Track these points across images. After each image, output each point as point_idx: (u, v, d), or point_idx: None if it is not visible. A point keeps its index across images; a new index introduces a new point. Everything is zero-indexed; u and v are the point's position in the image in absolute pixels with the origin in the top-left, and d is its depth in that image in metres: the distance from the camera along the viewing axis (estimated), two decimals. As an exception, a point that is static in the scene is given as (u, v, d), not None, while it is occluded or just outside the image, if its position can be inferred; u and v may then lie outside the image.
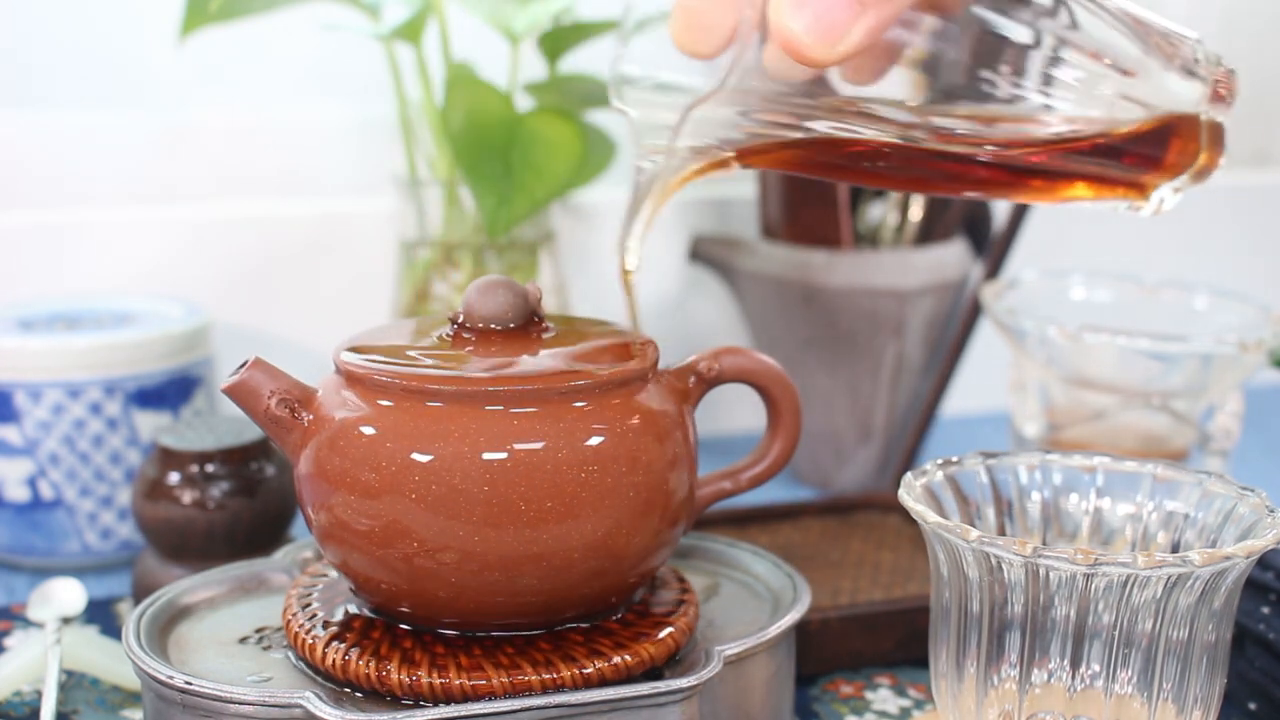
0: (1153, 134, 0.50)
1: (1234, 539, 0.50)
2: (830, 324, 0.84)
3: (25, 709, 0.60)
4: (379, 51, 0.86)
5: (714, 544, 0.63)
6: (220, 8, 0.77)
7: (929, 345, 0.85)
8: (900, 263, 0.83)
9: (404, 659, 0.51)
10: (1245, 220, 1.12)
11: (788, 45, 0.45)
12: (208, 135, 0.93)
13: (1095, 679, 0.48)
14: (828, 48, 0.44)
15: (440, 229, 0.81)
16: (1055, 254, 1.02)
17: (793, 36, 0.44)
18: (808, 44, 0.44)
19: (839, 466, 0.87)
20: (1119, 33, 0.49)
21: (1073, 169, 0.50)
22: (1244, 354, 0.73)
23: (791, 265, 0.84)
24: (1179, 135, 0.50)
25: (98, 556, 0.75)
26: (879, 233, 0.86)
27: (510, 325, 0.54)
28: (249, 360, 0.52)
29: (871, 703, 0.62)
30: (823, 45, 0.44)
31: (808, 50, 0.44)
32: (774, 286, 0.85)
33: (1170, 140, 0.50)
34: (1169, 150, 0.50)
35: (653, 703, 0.50)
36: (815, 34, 0.44)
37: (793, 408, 0.57)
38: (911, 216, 0.85)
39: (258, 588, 0.59)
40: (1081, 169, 0.50)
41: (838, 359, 0.84)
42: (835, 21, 0.44)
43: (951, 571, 0.50)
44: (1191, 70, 0.50)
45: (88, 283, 0.87)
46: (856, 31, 0.44)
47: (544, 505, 0.49)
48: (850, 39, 0.44)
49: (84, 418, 0.73)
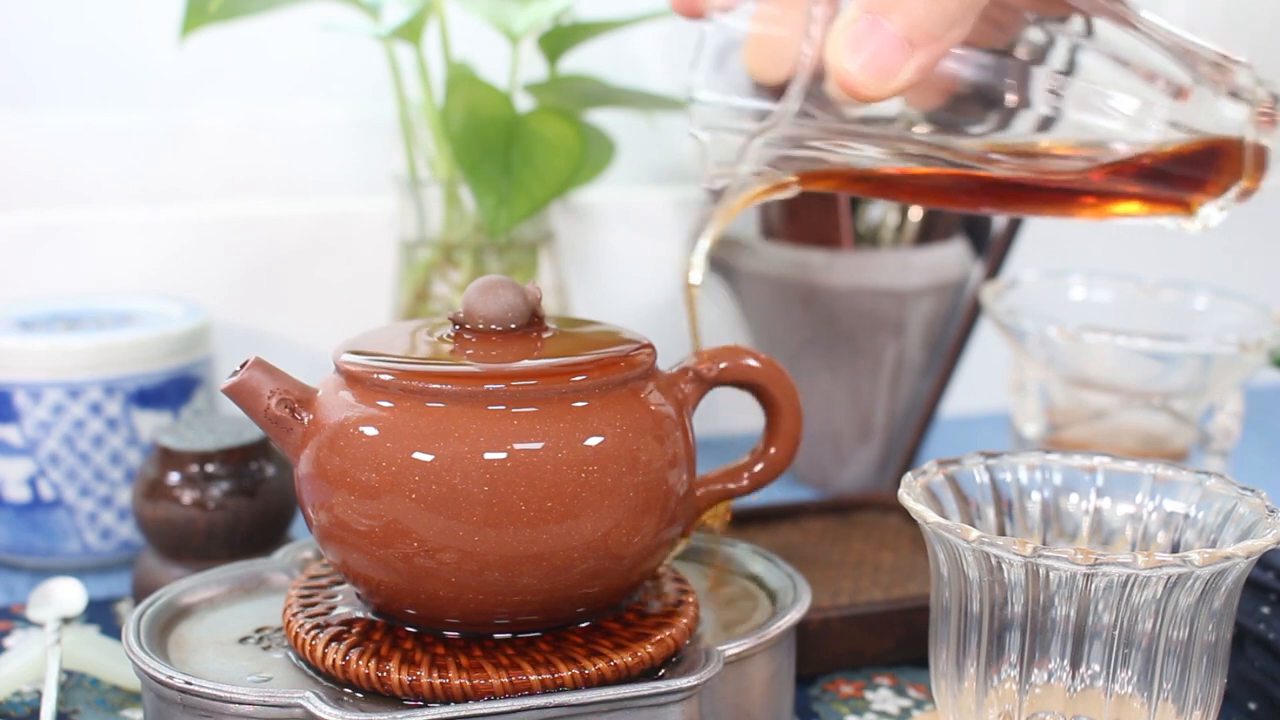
0: (1198, 155, 0.52)
1: (1234, 539, 0.50)
2: (830, 324, 0.84)
3: (25, 709, 0.60)
4: (379, 51, 0.86)
5: (714, 544, 0.63)
6: (220, 8, 0.77)
7: (929, 345, 0.85)
8: (900, 263, 0.83)
9: (404, 659, 0.51)
10: (1245, 220, 1.12)
11: (844, 83, 0.48)
12: (208, 135, 0.93)
13: (1095, 679, 0.48)
14: (880, 85, 0.48)
15: (440, 229, 0.81)
16: (1055, 254, 1.02)
17: (848, 76, 0.48)
18: (862, 82, 0.48)
19: (839, 466, 0.87)
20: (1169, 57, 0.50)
21: (1119, 189, 0.52)
22: (1244, 354, 0.73)
23: (791, 265, 0.84)
24: (1224, 157, 0.52)
25: (98, 556, 0.75)
26: (879, 233, 0.86)
27: (510, 325, 0.54)
28: (249, 360, 0.52)
29: (871, 703, 0.62)
30: (876, 83, 0.48)
31: (862, 89, 0.48)
32: (774, 286, 0.85)
33: (1215, 162, 0.52)
34: (1214, 171, 0.52)
35: (653, 703, 0.50)
36: (869, 73, 0.48)
37: (793, 408, 0.57)
38: (911, 216, 0.85)
39: (258, 588, 0.59)
40: (1128, 189, 0.52)
41: (838, 359, 0.84)
42: (888, 62, 0.48)
43: (951, 571, 0.50)
44: (1238, 95, 0.51)
45: (88, 283, 0.87)
46: (907, 70, 0.48)
47: (544, 505, 0.49)
48: (901, 77, 0.48)
49: (84, 418, 0.73)
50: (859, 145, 0.52)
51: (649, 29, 0.99)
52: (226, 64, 0.93)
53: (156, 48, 0.90)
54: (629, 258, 0.97)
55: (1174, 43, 0.51)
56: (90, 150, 0.92)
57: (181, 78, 0.93)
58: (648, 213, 0.97)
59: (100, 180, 0.92)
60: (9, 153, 0.90)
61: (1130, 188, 0.53)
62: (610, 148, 0.84)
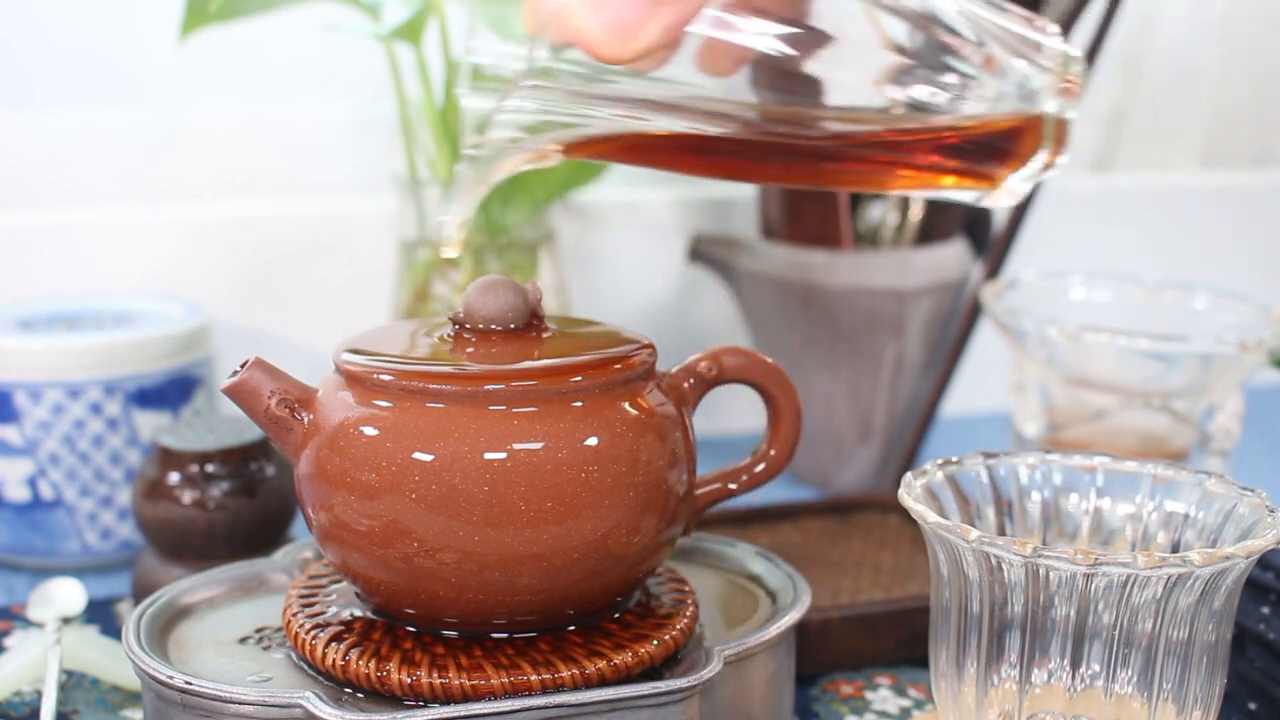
0: (1002, 129, 0.50)
1: (1234, 539, 0.50)
2: (830, 324, 0.84)
3: (25, 709, 0.60)
4: (379, 51, 0.86)
5: (714, 544, 0.63)
6: (220, 8, 0.77)
7: (929, 345, 0.85)
8: (900, 263, 0.83)
9: (404, 659, 0.51)
10: (1245, 220, 1.12)
11: (583, 43, 0.46)
12: (208, 135, 0.93)
13: (1095, 679, 0.48)
14: (621, 45, 0.46)
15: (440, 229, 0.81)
16: (1055, 254, 1.02)
17: (588, 35, 0.46)
18: (602, 41, 0.46)
19: (839, 466, 0.87)
20: (971, 27, 0.49)
21: (921, 161, 0.51)
22: (1244, 354, 0.73)
23: (791, 265, 0.84)
24: (1027, 130, 0.51)
25: (98, 556, 0.75)
26: (879, 233, 0.86)
27: (510, 325, 0.54)
28: (249, 360, 0.52)
29: (871, 703, 0.62)
30: (617, 42, 0.46)
31: (602, 48, 0.46)
32: (774, 286, 0.85)
33: (1019, 134, 0.51)
34: (1017, 144, 0.51)
35: (653, 703, 0.50)
36: (610, 31, 0.46)
37: (793, 408, 0.57)
38: (912, 216, 0.85)
39: (258, 588, 0.59)
40: (929, 160, 0.51)
41: (838, 359, 0.84)
42: (629, 21, 0.46)
43: (951, 571, 0.50)
44: (1041, 65, 0.50)
45: (88, 283, 0.87)
46: (650, 30, 0.46)
47: (544, 505, 0.49)
48: (644, 37, 0.46)
49: (84, 418, 0.73)
50: (611, 109, 0.49)
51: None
52: (226, 64, 0.93)
53: (156, 48, 0.90)
54: (629, 258, 0.97)
55: (978, 11, 0.50)
56: (90, 150, 0.92)
57: (181, 78, 0.93)
58: (648, 213, 0.97)
59: (100, 180, 0.92)
60: (9, 153, 0.90)
61: (933, 159, 0.51)
62: (610, 148, 0.84)
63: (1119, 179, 1.13)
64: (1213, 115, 1.16)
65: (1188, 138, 1.16)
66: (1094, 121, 1.14)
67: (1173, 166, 1.16)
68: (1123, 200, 1.09)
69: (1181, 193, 1.11)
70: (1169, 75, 1.14)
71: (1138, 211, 1.09)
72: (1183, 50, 1.14)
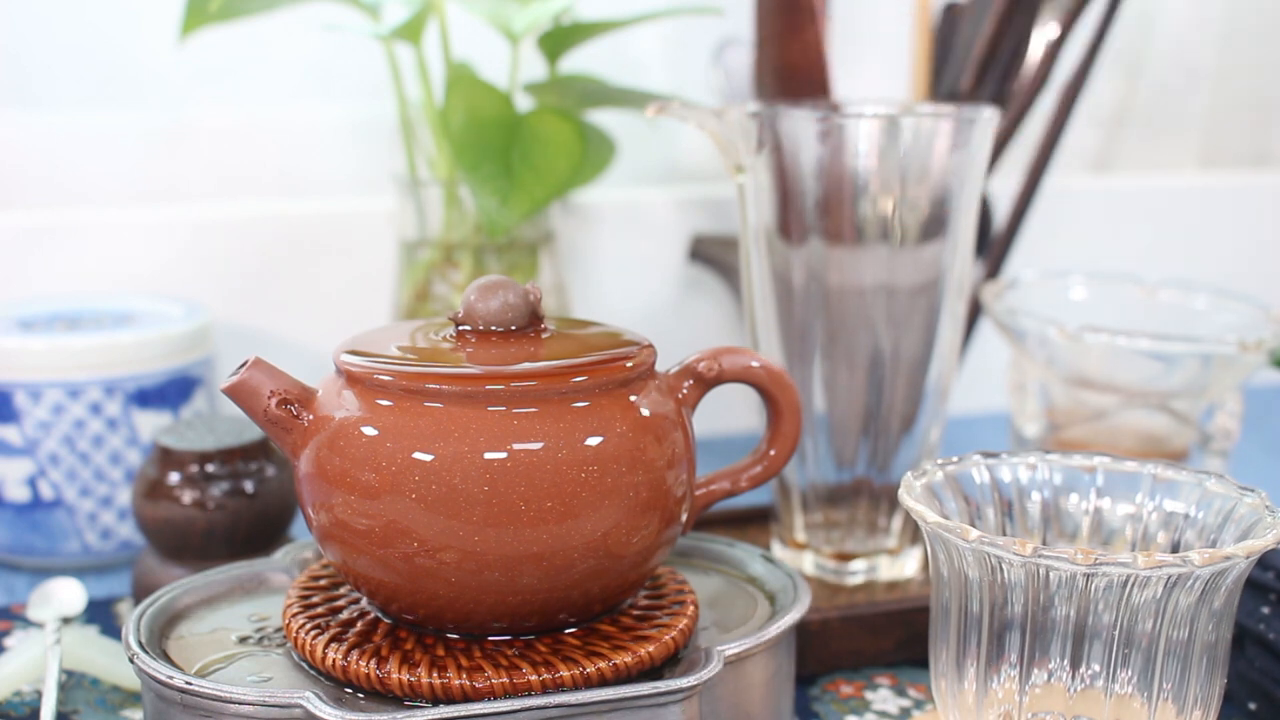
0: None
1: (1234, 539, 0.50)
2: (830, 324, 0.83)
3: (25, 709, 0.60)
4: (379, 51, 0.86)
5: (714, 544, 0.63)
6: (220, 8, 0.77)
7: (928, 343, 0.85)
8: (900, 261, 0.82)
9: (404, 659, 0.51)
10: (1245, 220, 1.12)
11: None
12: (208, 135, 0.93)
13: (1095, 679, 0.48)
14: None
15: (440, 229, 0.81)
16: (1055, 254, 1.02)
17: None
18: None
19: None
20: None
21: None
22: (1244, 354, 0.73)
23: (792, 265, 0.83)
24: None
25: (98, 556, 0.75)
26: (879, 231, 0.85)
27: (510, 326, 0.54)
28: (249, 360, 0.52)
29: (871, 703, 0.62)
30: None
31: None
32: (774, 286, 0.84)
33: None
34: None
35: (653, 703, 0.50)
36: None
37: (792, 407, 0.57)
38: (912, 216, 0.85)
39: (258, 588, 0.59)
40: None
41: (838, 359, 0.84)
42: None
43: (951, 572, 0.50)
44: None
45: (88, 283, 0.87)
46: None
47: (544, 505, 0.49)
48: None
49: (84, 418, 0.73)
50: None
51: (649, 29, 0.99)
52: (226, 64, 0.93)
53: (156, 48, 0.90)
54: (629, 258, 0.97)
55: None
56: (90, 150, 0.92)
57: (181, 78, 0.93)
58: (648, 213, 0.97)
59: (100, 180, 0.92)
60: (9, 152, 0.90)
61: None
62: (610, 148, 0.84)
63: (1119, 179, 1.13)
64: (1212, 115, 1.17)
65: (1187, 138, 1.16)
66: (1094, 121, 1.14)
67: (1173, 166, 1.16)
68: (1123, 200, 1.09)
69: (1181, 193, 1.11)
70: (1169, 75, 1.14)
71: (1138, 211, 1.09)
72: (1183, 50, 1.14)
